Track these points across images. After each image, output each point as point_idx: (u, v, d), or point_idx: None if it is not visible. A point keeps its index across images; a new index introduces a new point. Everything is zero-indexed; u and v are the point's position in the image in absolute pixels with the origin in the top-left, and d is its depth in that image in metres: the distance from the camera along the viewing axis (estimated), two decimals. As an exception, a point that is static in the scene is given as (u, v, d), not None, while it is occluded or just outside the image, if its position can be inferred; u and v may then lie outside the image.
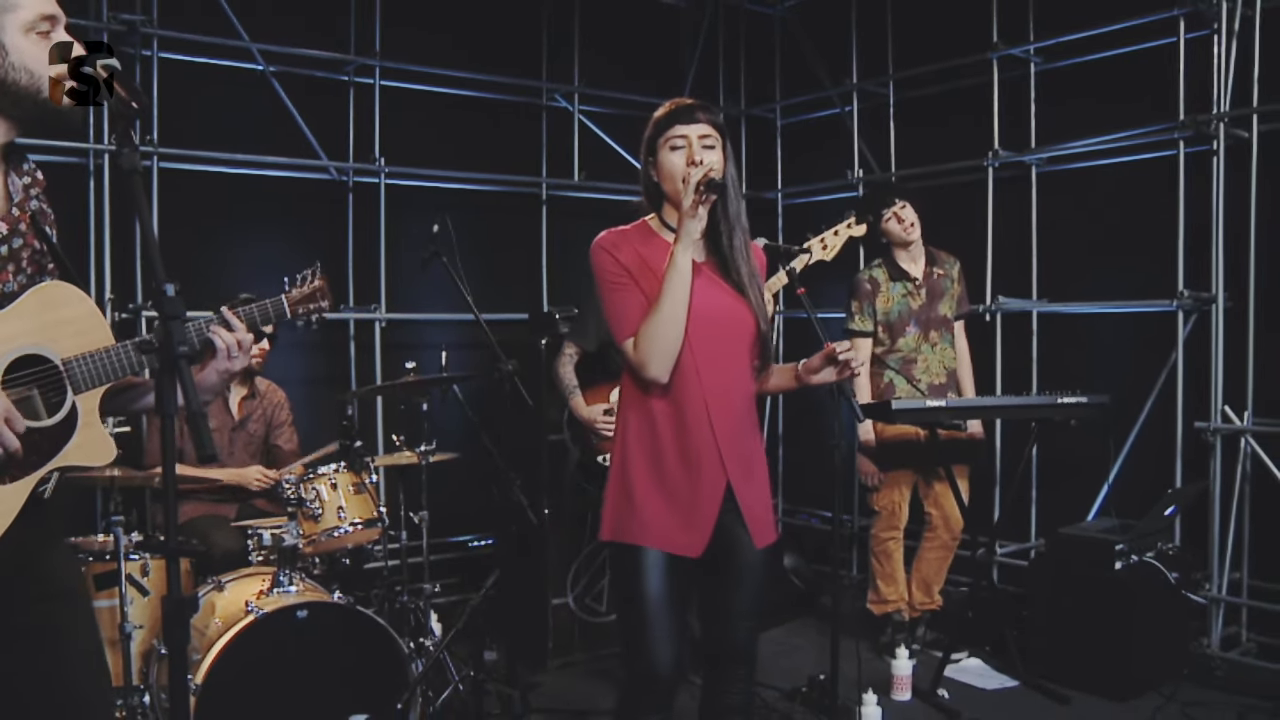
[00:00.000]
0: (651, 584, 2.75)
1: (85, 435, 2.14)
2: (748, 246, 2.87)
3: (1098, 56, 5.60)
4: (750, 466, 2.86)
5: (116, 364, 2.15)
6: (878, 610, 5.25)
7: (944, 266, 5.20)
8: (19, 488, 2.05)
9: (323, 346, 5.96)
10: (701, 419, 2.76)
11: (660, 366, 2.71)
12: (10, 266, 2.14)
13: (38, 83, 2.09)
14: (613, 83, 6.87)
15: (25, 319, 2.08)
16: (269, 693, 3.48)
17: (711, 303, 2.78)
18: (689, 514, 2.76)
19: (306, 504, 3.93)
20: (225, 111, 5.57)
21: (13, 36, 2.06)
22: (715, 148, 2.78)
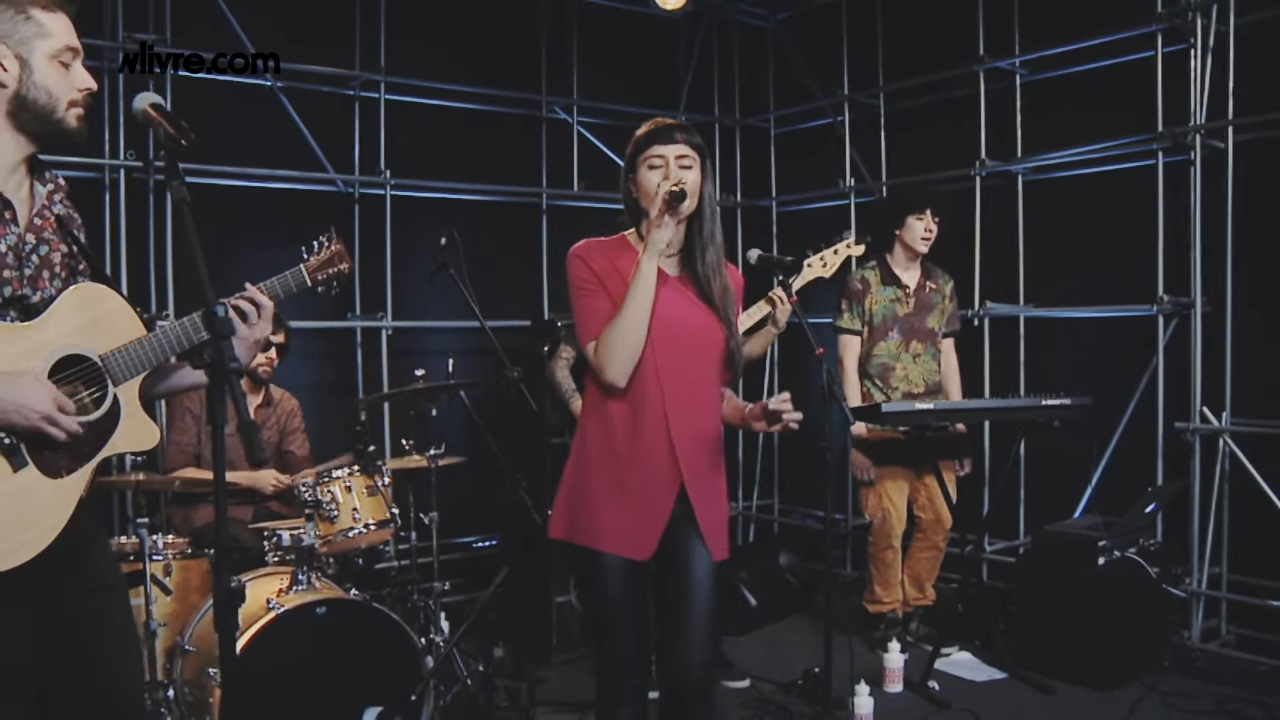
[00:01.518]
0: (609, 587, 2.85)
1: (129, 424, 2.31)
2: (721, 264, 2.96)
3: (1080, 69, 5.76)
4: (709, 479, 2.93)
5: (149, 353, 2.31)
6: (873, 609, 5.39)
7: (937, 281, 5.33)
8: (76, 480, 2.22)
9: (331, 354, 6.13)
10: (659, 426, 2.84)
11: (618, 370, 2.79)
12: (45, 273, 2.31)
13: (54, 104, 2.26)
14: (610, 95, 7.03)
15: (62, 322, 2.25)
16: (290, 685, 3.63)
17: (680, 315, 2.87)
18: (639, 517, 2.83)
19: (323, 506, 4.09)
20: (235, 127, 5.73)
21: (39, 60, 2.24)
22: (692, 167, 2.88)
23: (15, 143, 2.27)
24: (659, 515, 2.85)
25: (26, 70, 2.23)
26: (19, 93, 2.23)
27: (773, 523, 7.54)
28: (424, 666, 3.93)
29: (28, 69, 2.23)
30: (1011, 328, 6.06)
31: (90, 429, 2.23)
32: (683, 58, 7.47)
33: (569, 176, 6.90)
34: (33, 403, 2.09)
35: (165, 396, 2.63)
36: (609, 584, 2.85)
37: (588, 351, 2.87)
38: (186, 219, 2.01)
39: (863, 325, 5.25)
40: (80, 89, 2.31)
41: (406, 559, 4.78)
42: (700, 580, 2.89)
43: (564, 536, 2.92)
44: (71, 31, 2.30)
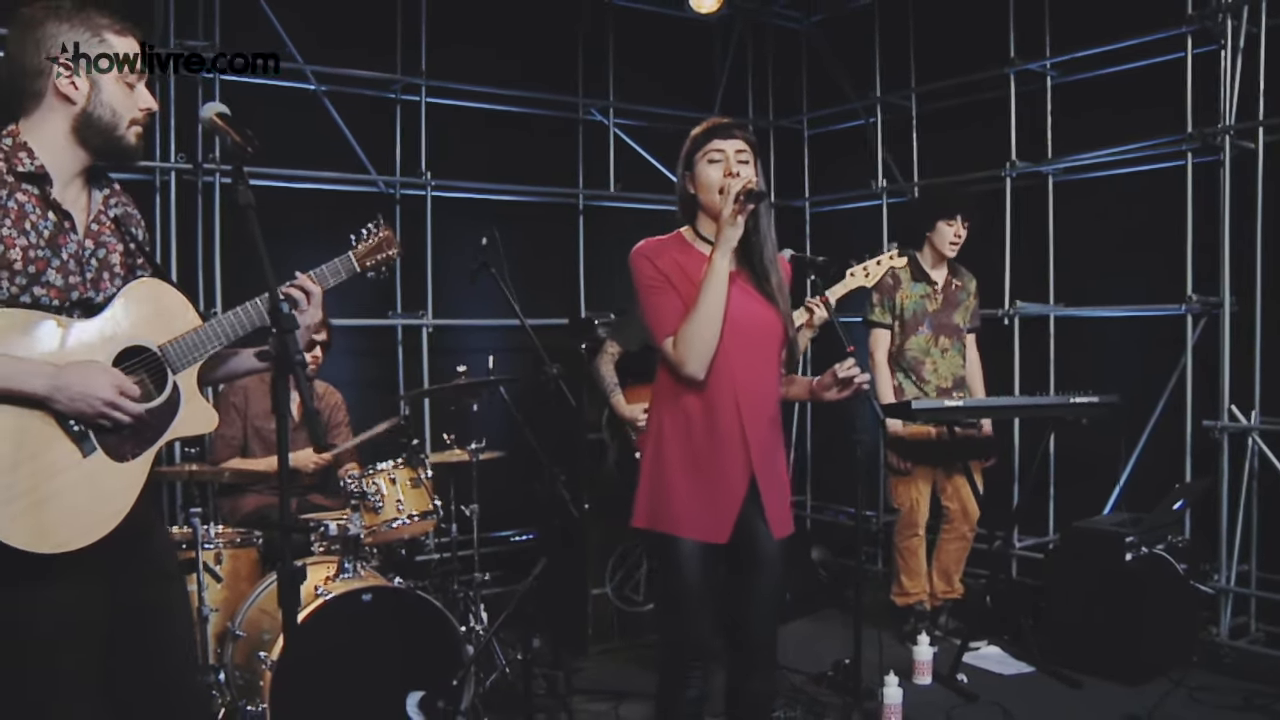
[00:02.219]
0: (686, 569, 3.00)
1: (189, 409, 2.44)
2: (776, 258, 3.12)
3: (1110, 71, 5.82)
4: (774, 462, 3.09)
5: (205, 342, 2.45)
6: (901, 602, 5.49)
7: (962, 279, 5.44)
8: (140, 463, 2.36)
9: (373, 351, 6.28)
10: (732, 416, 2.99)
11: (698, 364, 2.93)
12: (105, 274, 2.45)
13: (116, 121, 2.40)
14: (646, 97, 7.15)
15: (120, 318, 2.39)
16: (336, 669, 3.76)
17: (744, 309, 3.01)
18: (716, 503, 2.99)
19: (369, 497, 4.23)
20: (281, 130, 5.87)
21: (107, 80, 2.37)
22: (749, 163, 3.03)
23: (76, 156, 2.40)
24: (733, 500, 3.00)
25: (95, 89, 2.36)
26: (86, 109, 2.36)
27: (805, 518, 7.63)
28: (465, 654, 4.05)
29: (96, 88, 2.36)
30: (1041, 327, 6.12)
31: (152, 415, 2.37)
32: (717, 60, 7.57)
33: (605, 177, 7.02)
34: (97, 390, 2.22)
35: (224, 381, 2.76)
36: (686, 568, 2.99)
37: (665, 347, 2.99)
38: (252, 222, 2.14)
39: (893, 320, 5.35)
40: (142, 108, 2.45)
41: (447, 551, 4.91)
42: (768, 559, 3.07)
43: (647, 525, 3.06)
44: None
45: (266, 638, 3.84)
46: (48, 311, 2.30)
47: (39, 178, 2.33)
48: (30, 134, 2.36)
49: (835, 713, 4.39)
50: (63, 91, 2.34)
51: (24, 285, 2.26)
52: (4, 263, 2.24)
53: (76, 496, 2.25)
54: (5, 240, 2.24)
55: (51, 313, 2.30)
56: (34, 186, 2.32)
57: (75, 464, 2.26)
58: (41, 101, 2.36)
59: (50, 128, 2.36)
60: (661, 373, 3.11)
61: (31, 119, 2.37)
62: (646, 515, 3.07)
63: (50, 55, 2.32)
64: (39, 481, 2.19)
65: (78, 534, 2.22)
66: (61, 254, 2.34)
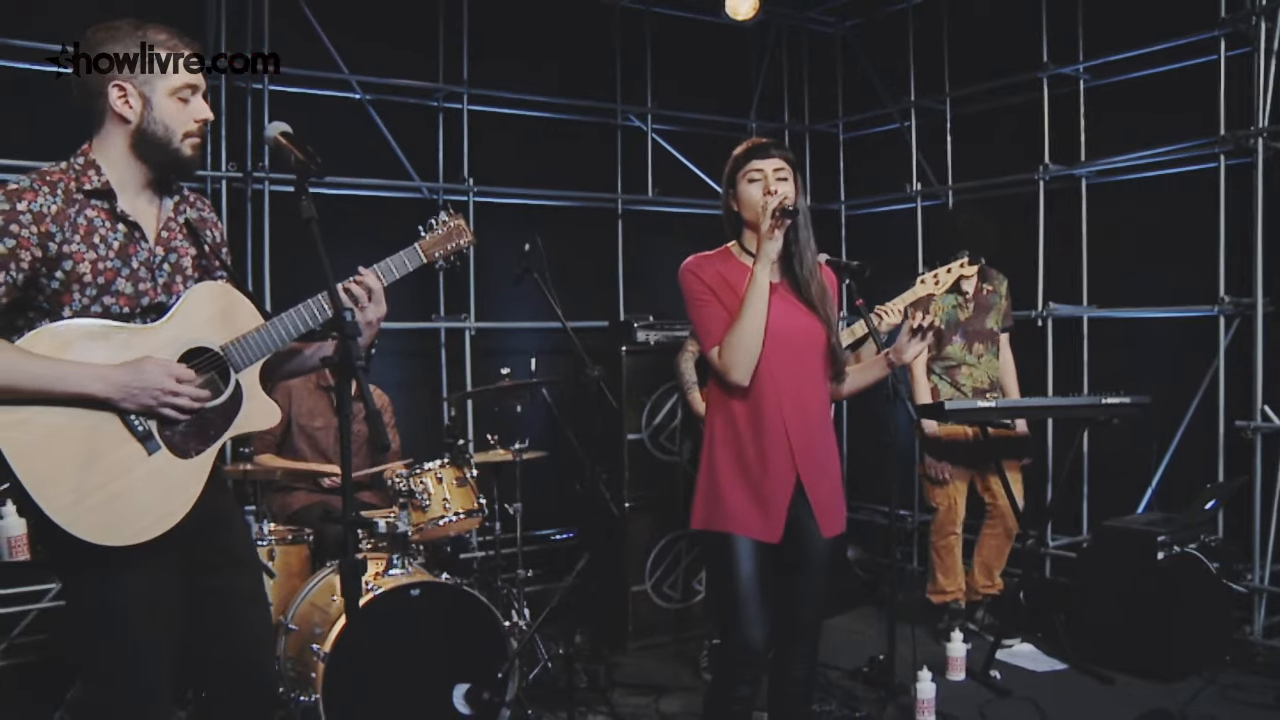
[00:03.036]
0: (741, 568, 3.13)
1: (251, 405, 2.59)
2: (816, 267, 3.25)
3: (1143, 74, 5.87)
4: (822, 463, 3.22)
5: (266, 342, 2.59)
6: (936, 600, 5.58)
7: (994, 283, 5.52)
8: (203, 459, 2.50)
9: (416, 353, 6.42)
10: (777, 420, 3.13)
11: (742, 371, 3.09)
12: (178, 278, 2.59)
13: (170, 136, 2.53)
14: (683, 103, 7.23)
15: (187, 318, 2.53)
16: (385, 661, 3.90)
17: (786, 318, 3.16)
18: (766, 504, 3.13)
19: (416, 495, 4.37)
20: (326, 138, 5.99)
21: (160, 96, 2.50)
22: (788, 179, 3.20)
23: (138, 170, 2.54)
24: (781, 500, 3.14)
25: (148, 107, 2.49)
26: (140, 126, 2.49)
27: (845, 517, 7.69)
28: (509, 647, 4.18)
29: (149, 106, 2.49)
30: (1075, 328, 6.18)
31: (215, 412, 2.51)
32: (754, 65, 7.65)
33: (644, 182, 7.12)
34: (153, 381, 2.36)
35: (290, 378, 2.90)
36: (742, 566, 3.13)
37: (711, 357, 3.16)
38: (315, 233, 2.28)
39: None
40: (197, 120, 2.57)
41: (490, 549, 5.04)
42: (816, 556, 3.23)
43: (703, 527, 3.21)
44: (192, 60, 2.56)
45: (318, 631, 3.98)
46: (117, 319, 2.44)
47: (105, 193, 2.47)
48: (98, 151, 2.50)
49: (870, 707, 4.48)
50: (117, 110, 2.47)
51: (94, 296, 2.41)
52: (74, 276, 2.38)
53: (143, 492, 2.39)
54: (75, 256, 2.38)
55: (120, 320, 2.44)
56: (102, 201, 2.46)
57: (141, 461, 2.39)
58: (104, 119, 2.50)
59: (113, 145, 2.50)
60: (712, 381, 3.27)
61: (99, 137, 2.51)
62: (703, 517, 3.22)
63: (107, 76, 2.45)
64: (108, 480, 2.33)
65: (145, 528, 2.37)
66: (132, 263, 2.48)
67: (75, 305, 2.39)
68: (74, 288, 2.38)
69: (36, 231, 2.32)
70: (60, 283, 2.36)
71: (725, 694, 3.24)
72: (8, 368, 2.23)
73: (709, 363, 3.20)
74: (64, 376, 2.29)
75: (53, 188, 2.39)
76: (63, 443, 2.28)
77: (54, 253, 2.34)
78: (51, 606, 5.30)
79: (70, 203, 2.40)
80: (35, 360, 2.27)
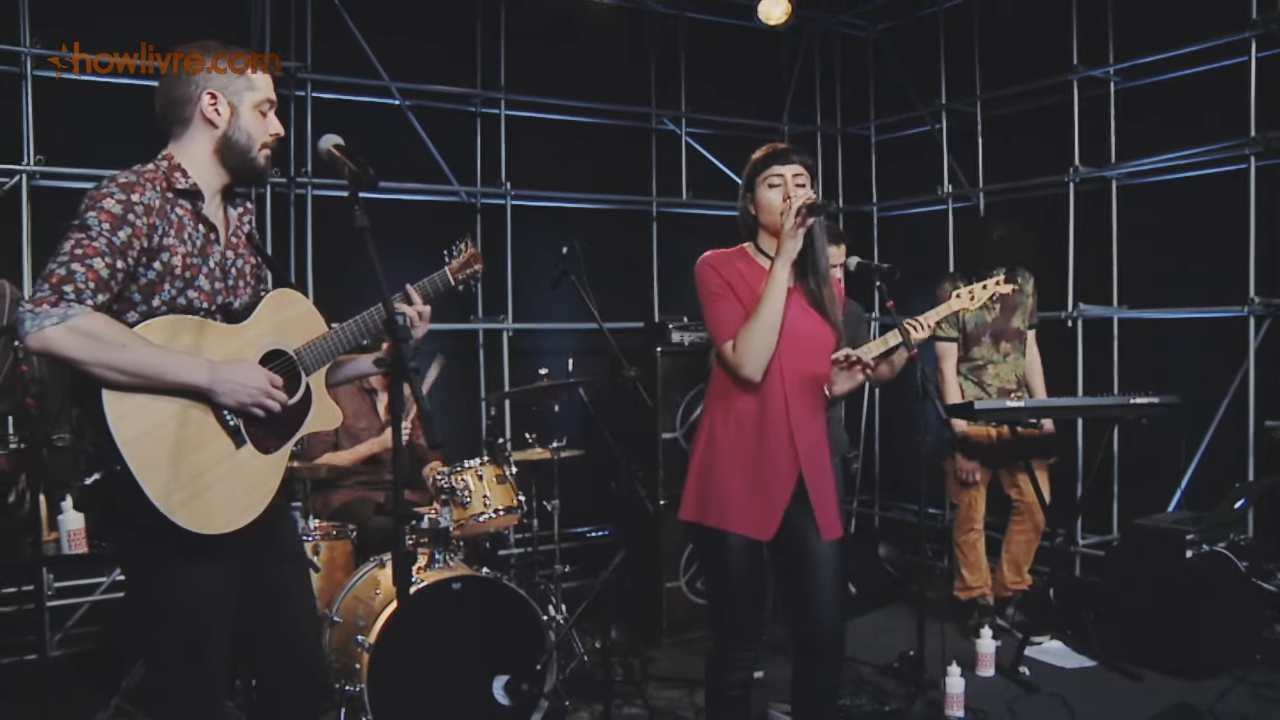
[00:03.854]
0: (732, 562, 3.20)
1: (319, 407, 2.76)
2: (828, 274, 3.32)
3: (1173, 76, 5.91)
4: (821, 467, 3.26)
5: (332, 347, 2.76)
6: (963, 596, 5.65)
7: (1019, 281, 5.58)
8: (281, 455, 2.66)
9: (455, 354, 6.52)
10: (781, 419, 3.19)
11: (754, 366, 3.14)
12: (240, 282, 2.76)
13: (250, 145, 2.70)
14: (716, 107, 7.35)
15: (264, 323, 2.70)
16: (428, 653, 4.01)
17: (799, 321, 3.23)
18: (763, 502, 3.18)
19: (458, 492, 4.50)
20: (367, 143, 6.14)
21: (246, 107, 2.68)
22: (805, 185, 3.25)
23: (217, 174, 2.71)
24: (779, 500, 3.19)
25: (235, 116, 2.67)
26: (226, 133, 2.67)
27: (873, 517, 7.79)
28: (547, 640, 4.29)
29: (236, 115, 2.67)
30: (1105, 329, 6.23)
31: (289, 411, 2.66)
32: (786, 69, 7.75)
33: (677, 185, 7.24)
34: (254, 381, 2.52)
35: (344, 384, 3.05)
36: (734, 561, 3.20)
37: (725, 350, 3.21)
38: (367, 241, 2.41)
39: (958, 333, 5.53)
40: (271, 133, 2.75)
41: (528, 546, 5.15)
42: (820, 554, 3.24)
43: (694, 518, 3.26)
44: (271, 87, 2.74)
45: (362, 623, 4.10)
46: (199, 314, 2.59)
47: (192, 193, 2.63)
48: (181, 156, 2.66)
49: (899, 701, 4.56)
50: (208, 116, 2.64)
51: (180, 289, 2.56)
52: (168, 269, 2.53)
53: (232, 483, 2.54)
54: (170, 249, 2.53)
55: (202, 315, 2.60)
56: (188, 202, 2.63)
57: (230, 454, 2.54)
58: (189, 126, 2.66)
59: (197, 149, 2.67)
60: (717, 374, 3.32)
61: (181, 142, 2.67)
62: (694, 509, 3.27)
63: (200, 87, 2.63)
64: (201, 471, 2.47)
65: (235, 516, 2.52)
66: (209, 262, 2.64)
67: (164, 296, 2.53)
68: (166, 280, 2.53)
69: (146, 222, 2.47)
70: (156, 274, 2.51)
71: (720, 677, 3.33)
72: (146, 357, 2.38)
73: (721, 357, 3.24)
74: (178, 366, 2.43)
75: (152, 183, 2.54)
76: (165, 433, 2.42)
77: (155, 244, 2.50)
78: (104, 599, 5.49)
79: (164, 199, 2.56)
80: (154, 349, 2.41)
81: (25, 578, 5.25)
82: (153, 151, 2.68)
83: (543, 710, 4.26)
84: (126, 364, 2.35)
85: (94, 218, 2.41)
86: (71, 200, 2.50)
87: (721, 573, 3.25)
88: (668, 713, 4.61)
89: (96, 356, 2.33)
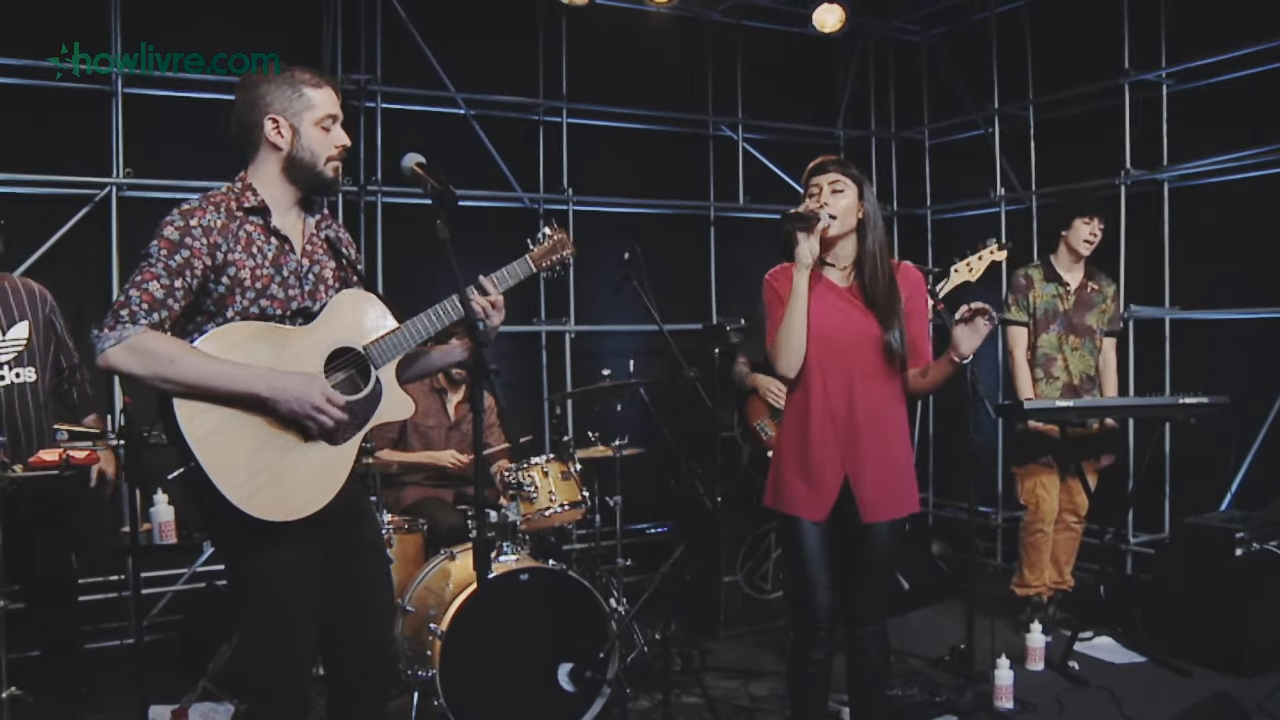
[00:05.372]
0: (803, 544, 3.45)
1: (389, 398, 2.92)
2: (881, 271, 3.47)
3: (1226, 78, 5.96)
4: (871, 452, 3.44)
5: (401, 342, 2.92)
6: (1021, 593, 5.75)
7: (1100, 283, 5.65)
8: (350, 446, 2.84)
9: (518, 355, 6.77)
10: (824, 410, 3.44)
11: (784, 364, 3.43)
12: (321, 287, 2.95)
13: (315, 160, 2.88)
14: (772, 112, 7.51)
15: (334, 321, 2.88)
16: (496, 640, 4.20)
17: (838, 317, 3.45)
18: (816, 487, 3.43)
19: (524, 488, 4.70)
20: (434, 152, 6.35)
21: (306, 126, 2.86)
22: (843, 191, 3.45)
23: (288, 191, 2.91)
24: (828, 485, 3.43)
25: (296, 136, 2.86)
26: (290, 154, 2.86)
27: (927, 515, 7.90)
28: (610, 630, 4.47)
29: (297, 135, 2.86)
30: (1157, 329, 6.30)
31: (359, 405, 2.85)
32: (841, 74, 7.87)
33: (734, 190, 7.40)
34: (309, 396, 2.68)
35: (414, 379, 3.24)
36: (804, 543, 3.45)
37: (769, 352, 3.50)
38: (449, 252, 2.60)
39: (1028, 317, 5.62)
40: (337, 146, 2.93)
41: (590, 541, 5.34)
42: (863, 540, 3.46)
43: (771, 505, 3.56)
44: (334, 101, 2.92)
45: (433, 612, 4.31)
46: (271, 320, 2.80)
47: (260, 210, 2.84)
48: (254, 176, 2.88)
49: (950, 693, 4.66)
50: (271, 140, 2.84)
51: (252, 299, 2.77)
52: (236, 282, 2.74)
53: (301, 473, 2.73)
54: (238, 263, 2.75)
55: (276, 321, 2.81)
56: (258, 217, 2.84)
57: (298, 446, 2.74)
58: (259, 149, 2.87)
59: (266, 169, 2.88)
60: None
61: (254, 164, 2.89)
62: (771, 497, 3.57)
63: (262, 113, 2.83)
64: (269, 463, 2.68)
65: (304, 504, 2.71)
66: (282, 271, 2.85)
67: (237, 307, 2.75)
68: (236, 292, 2.74)
69: (206, 243, 2.69)
70: (225, 287, 2.73)
71: (801, 657, 3.54)
72: (193, 369, 2.58)
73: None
74: (231, 376, 2.63)
75: (216, 206, 2.76)
76: (235, 429, 2.63)
77: (220, 261, 2.71)
78: (187, 588, 5.75)
79: (232, 218, 2.77)
80: (212, 361, 2.62)
81: (116, 567, 5.55)
82: (232, 161, 2.90)
83: (605, 697, 4.43)
84: (177, 377, 2.56)
85: (155, 245, 2.67)
86: (157, 210, 2.75)
87: (791, 554, 3.51)
88: (724, 702, 4.76)
89: (152, 371, 2.56)
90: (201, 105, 5.66)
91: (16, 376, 4.29)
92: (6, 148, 5.33)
